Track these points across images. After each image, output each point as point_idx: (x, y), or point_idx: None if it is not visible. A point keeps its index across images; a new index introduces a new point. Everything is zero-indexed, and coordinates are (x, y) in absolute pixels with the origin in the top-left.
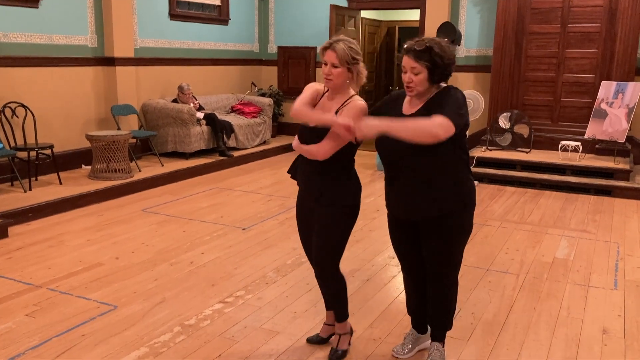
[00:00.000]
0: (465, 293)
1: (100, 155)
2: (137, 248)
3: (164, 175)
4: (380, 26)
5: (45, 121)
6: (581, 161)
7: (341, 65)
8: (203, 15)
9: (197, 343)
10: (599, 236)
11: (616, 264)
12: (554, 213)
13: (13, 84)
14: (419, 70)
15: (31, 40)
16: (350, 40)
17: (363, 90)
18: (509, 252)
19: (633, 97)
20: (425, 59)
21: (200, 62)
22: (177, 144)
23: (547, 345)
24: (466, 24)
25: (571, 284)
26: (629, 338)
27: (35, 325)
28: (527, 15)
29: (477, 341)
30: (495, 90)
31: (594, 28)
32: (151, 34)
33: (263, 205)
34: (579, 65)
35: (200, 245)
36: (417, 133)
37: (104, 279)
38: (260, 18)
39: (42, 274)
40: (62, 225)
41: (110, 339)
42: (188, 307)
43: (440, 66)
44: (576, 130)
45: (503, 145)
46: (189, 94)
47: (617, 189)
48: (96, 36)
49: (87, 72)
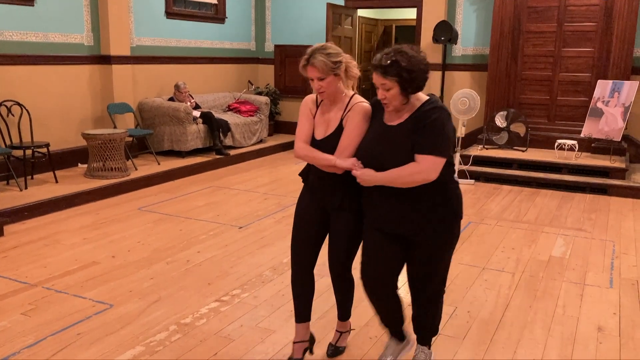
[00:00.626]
0: (461, 291)
1: (96, 154)
2: (133, 247)
3: (160, 173)
4: (377, 25)
5: (41, 119)
6: (577, 160)
7: (327, 75)
8: (199, 14)
9: (193, 342)
10: (594, 235)
11: (612, 262)
12: (550, 212)
13: (9, 82)
14: (390, 86)
15: (27, 38)
16: (325, 46)
17: (360, 90)
18: (505, 250)
19: (629, 96)
20: (392, 73)
21: (196, 61)
22: (174, 142)
23: (543, 343)
24: (463, 23)
25: (567, 282)
26: (624, 336)
27: (30, 324)
28: (524, 14)
29: (473, 339)
30: (492, 89)
31: (590, 27)
32: (147, 32)
33: (259, 204)
34: (575, 64)
35: (197, 244)
36: (411, 180)
37: (99, 277)
38: (257, 16)
39: (37, 273)
40: (58, 224)
41: (106, 338)
42: (184, 305)
43: (410, 78)
44: (572, 129)
45: (499, 144)
46: (186, 93)
47: (613, 188)
48: (92, 34)
49: (83, 71)
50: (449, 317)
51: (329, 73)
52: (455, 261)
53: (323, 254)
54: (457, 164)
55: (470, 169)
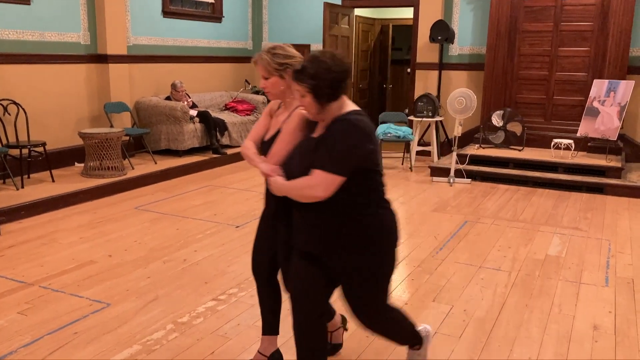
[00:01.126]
0: (458, 290)
1: (93, 153)
2: (130, 246)
3: (157, 173)
4: (374, 24)
5: (38, 118)
6: (573, 159)
7: (270, 75)
8: (196, 13)
9: (190, 341)
10: (590, 233)
11: (607, 261)
12: (546, 211)
13: (5, 81)
14: (303, 93)
15: (23, 37)
16: (277, 46)
17: (357, 89)
18: (501, 249)
19: (625, 95)
20: (303, 80)
21: (193, 60)
22: (171, 141)
23: (539, 341)
24: (459, 22)
25: (563, 281)
26: (619, 334)
27: (27, 323)
28: (520, 14)
29: (469, 338)
30: (489, 88)
31: (586, 26)
32: (144, 31)
33: (256, 202)
34: (571, 63)
35: (194, 243)
36: (301, 194)
37: (96, 276)
38: (254, 15)
39: (34, 272)
40: (55, 223)
41: (103, 337)
42: (181, 304)
43: (317, 86)
44: (569, 128)
45: (496, 143)
46: (182, 92)
47: (609, 187)
48: (89, 33)
49: (80, 70)
50: (445, 316)
51: (273, 73)
52: (451, 260)
53: None
54: (453, 163)
55: (466, 168)
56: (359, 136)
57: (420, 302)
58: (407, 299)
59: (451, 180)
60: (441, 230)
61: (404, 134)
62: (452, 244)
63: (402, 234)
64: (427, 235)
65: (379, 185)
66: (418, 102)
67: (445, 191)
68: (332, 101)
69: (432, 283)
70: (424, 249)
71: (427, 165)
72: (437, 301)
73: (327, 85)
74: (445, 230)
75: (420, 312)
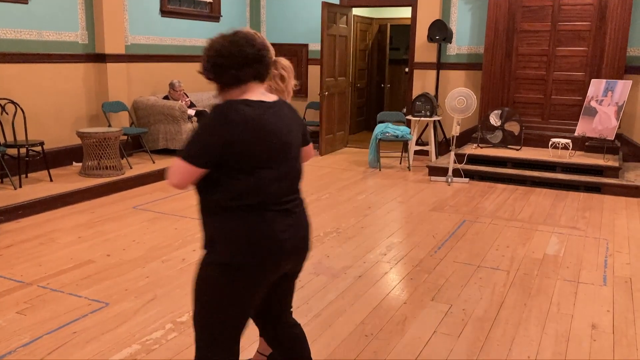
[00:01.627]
0: (456, 290)
1: (91, 152)
2: (129, 245)
3: (155, 172)
4: (372, 24)
5: (36, 118)
6: (571, 158)
7: None
8: (194, 12)
9: (189, 340)
10: (588, 233)
11: (605, 260)
12: (544, 210)
13: (2, 80)
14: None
15: (21, 36)
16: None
17: (355, 88)
18: (499, 248)
19: (622, 95)
20: (203, 63)
21: (191, 59)
22: (169, 141)
23: (537, 341)
24: (457, 22)
25: (561, 280)
26: (617, 333)
27: (26, 323)
28: (518, 13)
29: (468, 337)
30: (486, 88)
31: (584, 26)
32: (142, 31)
33: None
34: (569, 63)
35: (192, 243)
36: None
37: (95, 276)
38: (252, 15)
39: (32, 272)
40: (53, 223)
41: (102, 337)
42: (180, 304)
43: (213, 71)
44: (566, 127)
45: (494, 143)
46: (180, 91)
47: (607, 186)
48: (87, 32)
49: (78, 69)
50: (443, 315)
51: None
52: (449, 259)
53: (318, 254)
54: (451, 163)
55: (464, 167)
56: (217, 128)
57: (418, 302)
58: (405, 298)
59: (449, 179)
60: (439, 230)
61: (402, 134)
62: (451, 243)
63: (401, 233)
64: (425, 235)
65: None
66: (416, 102)
67: (443, 191)
68: (229, 87)
69: (430, 282)
70: (422, 249)
71: (425, 164)
72: (436, 300)
73: (208, 68)
74: (444, 230)
75: (419, 312)
